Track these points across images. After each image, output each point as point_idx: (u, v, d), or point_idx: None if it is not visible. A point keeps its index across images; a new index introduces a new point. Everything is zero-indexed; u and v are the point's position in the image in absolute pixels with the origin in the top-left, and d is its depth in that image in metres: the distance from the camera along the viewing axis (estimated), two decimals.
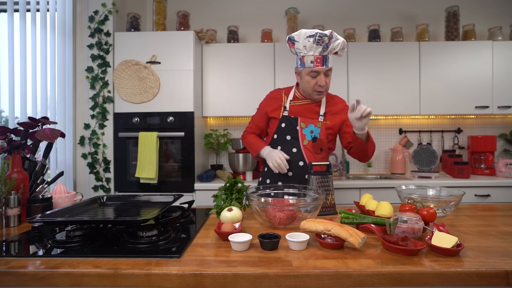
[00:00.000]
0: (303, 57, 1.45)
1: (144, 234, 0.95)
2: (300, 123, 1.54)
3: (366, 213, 1.23)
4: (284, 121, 1.56)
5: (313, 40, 1.39)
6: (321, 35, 1.38)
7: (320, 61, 1.43)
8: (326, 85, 1.47)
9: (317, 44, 1.39)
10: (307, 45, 1.41)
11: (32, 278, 0.76)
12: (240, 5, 2.97)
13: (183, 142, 2.36)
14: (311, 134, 1.54)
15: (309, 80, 1.47)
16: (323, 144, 1.56)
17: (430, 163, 2.65)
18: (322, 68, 1.43)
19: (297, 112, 1.57)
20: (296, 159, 1.54)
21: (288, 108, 1.58)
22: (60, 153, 2.37)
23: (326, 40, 1.39)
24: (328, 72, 1.46)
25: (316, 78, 1.46)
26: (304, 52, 1.43)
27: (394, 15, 2.97)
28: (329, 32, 1.38)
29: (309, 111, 1.57)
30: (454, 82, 2.61)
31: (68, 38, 2.42)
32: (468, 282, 0.74)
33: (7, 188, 1.16)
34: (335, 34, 1.40)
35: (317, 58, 1.42)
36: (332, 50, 1.42)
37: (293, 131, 1.55)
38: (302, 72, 1.49)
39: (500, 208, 1.42)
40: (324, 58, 1.43)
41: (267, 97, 1.67)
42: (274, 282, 0.74)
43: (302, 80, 1.51)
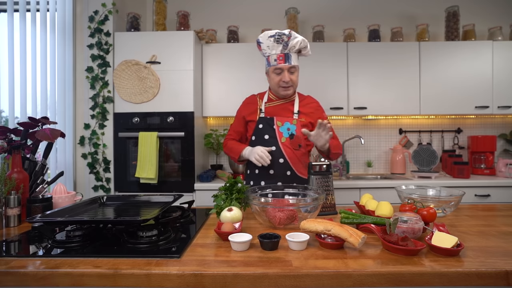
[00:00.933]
0: (268, 57, 1.58)
1: (144, 234, 0.95)
2: (277, 122, 1.61)
3: (366, 213, 1.23)
4: (261, 122, 1.63)
5: (274, 40, 1.51)
6: (280, 34, 1.50)
7: (283, 59, 1.54)
8: (291, 81, 1.57)
9: (277, 43, 1.51)
10: (270, 45, 1.54)
11: (32, 278, 0.76)
12: (240, 5, 2.97)
13: (183, 142, 2.36)
14: (288, 131, 1.60)
15: (274, 77, 1.58)
16: (300, 140, 1.61)
17: (430, 163, 2.65)
18: (285, 65, 1.54)
19: (272, 112, 1.65)
20: (276, 157, 1.59)
21: (263, 109, 1.66)
22: (60, 153, 2.37)
23: (285, 39, 1.50)
24: (292, 69, 1.56)
25: (280, 75, 1.56)
26: (269, 52, 1.56)
27: (394, 15, 2.97)
28: (287, 31, 1.50)
29: (283, 110, 1.65)
30: (454, 82, 2.61)
31: (68, 38, 2.42)
32: (468, 282, 0.74)
33: (7, 188, 1.16)
34: (294, 33, 1.51)
35: (280, 56, 1.53)
36: (292, 48, 1.53)
37: (270, 131, 1.61)
38: (269, 70, 1.60)
39: (500, 208, 1.42)
40: (286, 56, 1.53)
41: (243, 103, 1.75)
42: (274, 282, 0.74)
43: (270, 78, 1.63)
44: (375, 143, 2.96)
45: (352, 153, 2.96)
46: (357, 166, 2.95)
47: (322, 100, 2.60)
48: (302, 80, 2.60)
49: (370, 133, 2.96)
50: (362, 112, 2.62)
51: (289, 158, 1.58)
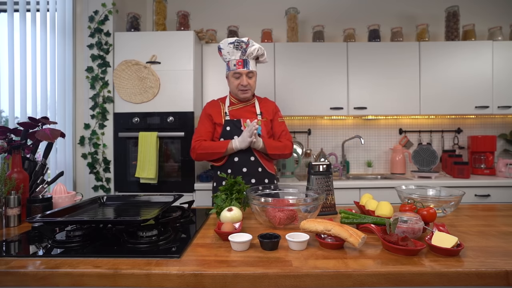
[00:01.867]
0: (228, 62, 1.70)
1: (144, 234, 0.95)
2: (244, 123, 1.71)
3: (366, 213, 1.23)
4: (228, 125, 1.73)
5: (233, 46, 1.64)
6: (238, 41, 1.63)
7: (241, 64, 1.66)
8: (249, 85, 1.69)
9: (236, 49, 1.64)
10: (230, 51, 1.67)
11: (32, 278, 0.76)
12: (240, 5, 2.97)
13: (183, 142, 2.36)
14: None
15: (233, 81, 1.71)
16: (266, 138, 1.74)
17: (430, 163, 2.65)
18: (243, 70, 1.66)
19: (237, 115, 1.76)
20: (248, 155, 1.71)
21: (228, 113, 1.76)
22: (60, 153, 2.37)
23: (244, 46, 1.64)
24: (250, 74, 1.69)
25: (239, 79, 1.69)
26: (229, 58, 1.69)
27: (394, 15, 2.97)
28: (246, 39, 1.64)
29: (247, 113, 1.77)
30: (454, 82, 2.61)
31: (68, 38, 2.42)
32: (468, 282, 0.74)
33: (7, 188, 1.16)
34: (252, 41, 1.65)
35: (239, 62, 1.66)
36: (250, 55, 1.65)
37: (238, 132, 1.71)
38: (228, 75, 1.73)
39: (500, 208, 1.42)
40: (245, 62, 1.66)
41: (206, 106, 1.82)
42: (274, 282, 0.74)
43: (229, 82, 1.75)
44: (375, 143, 2.96)
45: (352, 153, 2.96)
46: (357, 166, 2.95)
47: (322, 100, 2.61)
48: (303, 80, 2.60)
49: (370, 133, 2.96)
50: (362, 112, 2.62)
51: (259, 156, 1.73)
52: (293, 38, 2.70)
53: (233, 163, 1.71)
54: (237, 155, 1.70)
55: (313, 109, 2.61)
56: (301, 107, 2.61)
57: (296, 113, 2.61)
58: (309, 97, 2.61)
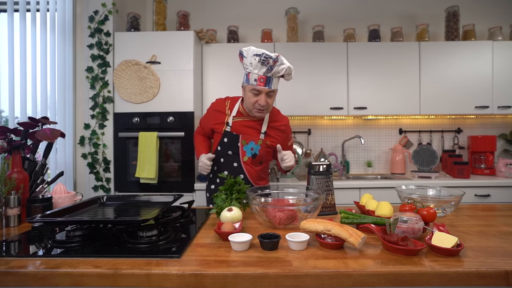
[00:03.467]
0: (248, 74, 1.48)
1: (144, 234, 0.95)
2: (242, 141, 1.59)
3: (366, 213, 1.23)
4: (226, 136, 1.62)
5: (259, 60, 1.41)
6: (266, 56, 1.40)
7: (263, 81, 1.44)
8: (267, 104, 1.50)
9: (262, 64, 1.41)
10: (253, 63, 1.43)
11: (32, 278, 0.76)
12: (240, 5, 2.97)
13: (183, 142, 2.36)
14: (251, 151, 1.60)
15: (250, 97, 1.50)
16: (262, 158, 1.65)
17: (430, 163, 2.65)
18: (264, 88, 1.45)
19: (239, 128, 1.61)
20: (237, 173, 1.62)
21: (231, 124, 1.62)
22: (60, 153, 2.37)
23: (271, 63, 1.41)
24: (271, 93, 1.49)
25: (257, 96, 1.48)
26: (250, 69, 1.46)
27: (394, 15, 2.97)
28: (275, 55, 1.40)
29: (250, 128, 1.61)
30: (454, 82, 2.61)
31: (68, 38, 2.42)
32: (468, 282, 0.74)
33: (7, 188, 1.16)
34: (282, 59, 1.41)
35: (261, 78, 1.44)
36: (276, 73, 1.44)
37: (234, 147, 1.61)
38: (246, 87, 1.52)
39: (500, 208, 1.42)
40: (268, 79, 1.44)
41: (212, 109, 1.71)
42: (274, 282, 0.74)
43: (245, 95, 1.54)
44: (375, 143, 2.96)
45: (352, 153, 2.96)
46: (357, 166, 2.95)
47: (322, 100, 2.61)
48: (303, 80, 2.60)
49: (370, 133, 2.95)
50: (362, 112, 2.62)
51: (249, 174, 1.63)
52: (293, 38, 2.70)
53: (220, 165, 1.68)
54: (227, 170, 1.65)
55: (313, 109, 2.61)
56: (301, 107, 2.61)
57: (296, 113, 2.61)
58: (309, 97, 2.62)
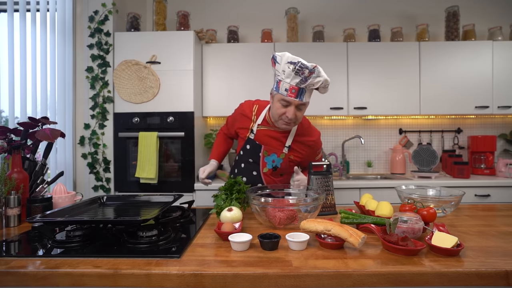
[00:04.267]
0: (279, 82, 1.32)
1: (144, 234, 0.95)
2: (263, 152, 1.50)
3: (366, 213, 1.23)
4: (249, 144, 1.53)
5: (293, 68, 1.26)
6: (302, 65, 1.25)
7: (295, 92, 1.29)
8: (295, 118, 1.35)
9: (296, 74, 1.26)
10: (286, 71, 1.28)
11: (32, 278, 0.76)
12: (240, 5, 2.97)
13: (183, 142, 2.36)
14: (272, 163, 1.51)
15: (278, 108, 1.35)
16: (283, 171, 1.55)
17: (430, 163, 2.65)
18: (294, 100, 1.30)
19: (262, 138, 1.50)
20: (256, 182, 1.55)
21: (255, 131, 1.51)
22: (60, 153, 2.37)
23: (306, 73, 1.25)
24: (301, 106, 1.34)
25: (286, 108, 1.33)
26: (282, 77, 1.30)
27: (394, 15, 2.97)
28: (311, 66, 1.25)
29: (274, 140, 1.49)
30: (454, 82, 2.61)
31: (68, 38, 2.42)
32: (468, 282, 0.74)
33: (7, 188, 1.16)
34: (319, 70, 1.27)
35: (292, 88, 1.28)
36: (310, 85, 1.29)
37: (255, 156, 1.53)
38: (275, 96, 1.37)
39: (500, 208, 1.42)
40: (300, 91, 1.29)
41: (238, 112, 1.61)
42: (274, 282, 0.74)
43: (273, 104, 1.40)
44: (375, 143, 2.96)
45: (352, 153, 2.96)
46: (357, 166, 2.95)
47: (322, 100, 2.61)
48: None
49: (370, 133, 2.95)
50: (362, 112, 2.62)
51: (268, 184, 1.54)
52: (293, 38, 2.70)
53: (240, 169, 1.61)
54: (246, 177, 1.58)
55: (313, 109, 2.61)
56: None
57: None
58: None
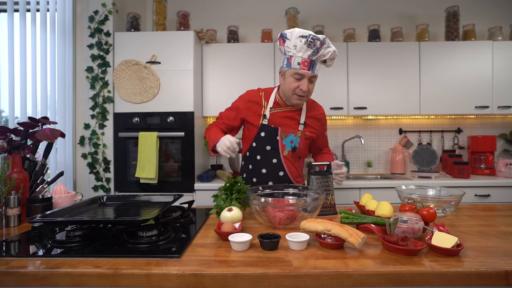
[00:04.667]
0: (290, 57, 1.38)
1: (144, 234, 0.95)
2: (281, 134, 1.49)
3: (366, 213, 1.23)
4: (264, 130, 1.50)
5: (305, 41, 1.32)
6: (314, 37, 1.31)
7: (307, 65, 1.35)
8: (308, 91, 1.40)
9: (308, 46, 1.33)
10: (298, 45, 1.34)
11: (32, 278, 0.76)
12: (240, 5, 2.97)
13: (183, 142, 2.36)
14: (291, 144, 1.51)
15: (291, 82, 1.40)
16: (301, 152, 1.55)
17: (430, 163, 2.65)
18: (307, 73, 1.36)
19: (277, 120, 1.50)
20: (276, 170, 1.52)
21: (268, 116, 1.50)
22: (60, 153, 2.37)
23: (318, 45, 1.32)
24: (313, 78, 1.40)
25: (299, 81, 1.39)
26: (293, 52, 1.37)
27: (394, 15, 2.97)
28: (322, 37, 1.33)
29: (289, 119, 1.52)
30: (454, 82, 2.61)
31: (68, 38, 2.42)
32: (468, 282, 0.74)
33: (7, 188, 1.16)
34: (328, 41, 1.35)
35: (305, 61, 1.35)
36: (321, 57, 1.36)
37: (273, 141, 1.50)
38: (286, 72, 1.42)
39: (500, 208, 1.42)
40: (312, 63, 1.36)
41: (244, 99, 1.56)
42: (274, 282, 0.74)
43: (285, 81, 1.44)
44: (375, 143, 2.96)
45: (352, 153, 2.96)
46: (357, 166, 2.95)
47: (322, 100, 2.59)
48: None
49: (370, 133, 2.95)
50: (362, 112, 2.62)
51: (289, 171, 1.53)
52: None
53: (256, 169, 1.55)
54: (265, 168, 1.53)
55: None
56: None
57: None
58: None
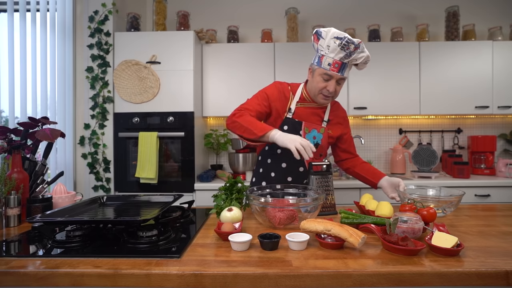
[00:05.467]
0: (322, 56, 1.38)
1: (144, 234, 0.95)
2: (304, 128, 1.48)
3: (366, 213, 1.23)
4: (287, 124, 1.48)
5: (339, 43, 1.32)
6: (349, 40, 1.31)
7: (338, 67, 1.36)
8: (335, 92, 1.42)
9: (341, 49, 1.33)
10: (331, 46, 1.34)
11: (32, 278, 0.76)
12: (240, 5, 2.97)
13: (183, 142, 2.36)
14: (313, 140, 1.50)
15: (319, 81, 1.41)
16: (323, 150, 1.54)
17: (430, 163, 2.65)
18: (336, 75, 1.37)
19: (302, 115, 1.50)
20: (297, 165, 1.51)
21: (293, 110, 1.49)
22: (60, 153, 2.37)
23: (352, 48, 1.32)
24: (341, 80, 1.42)
25: (327, 82, 1.40)
26: (326, 52, 1.36)
27: (394, 15, 2.97)
28: (357, 41, 1.32)
29: (313, 115, 1.52)
30: (454, 82, 2.61)
31: (68, 38, 2.42)
32: (468, 282, 0.74)
33: (7, 188, 1.16)
34: (363, 46, 1.34)
35: (336, 63, 1.35)
36: (353, 60, 1.36)
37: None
38: (316, 70, 1.42)
39: (500, 208, 1.42)
40: (342, 65, 1.36)
41: (275, 88, 1.52)
42: (274, 282, 0.74)
43: (313, 78, 1.45)
44: (375, 143, 2.96)
45: None
46: None
47: None
48: (302, 80, 2.60)
49: (370, 133, 2.95)
50: (362, 112, 2.62)
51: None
52: (293, 38, 2.70)
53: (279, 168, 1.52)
54: (285, 162, 1.50)
55: None
56: None
57: None
58: None
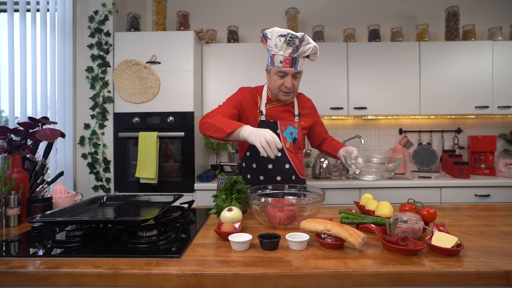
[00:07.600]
0: (273, 56, 1.43)
1: (144, 234, 0.95)
2: (280, 127, 1.53)
3: (366, 213, 1.23)
4: (263, 126, 1.49)
5: (284, 40, 1.36)
6: (292, 36, 1.35)
7: (289, 63, 1.40)
8: (293, 87, 1.46)
9: (288, 45, 1.37)
10: (278, 44, 1.38)
11: (32, 278, 0.76)
12: (240, 5, 2.97)
13: (183, 142, 2.36)
14: (291, 135, 1.55)
15: (276, 80, 1.46)
16: (300, 143, 1.60)
17: (430, 163, 2.65)
18: (290, 70, 1.41)
19: (274, 115, 1.55)
20: (282, 163, 1.54)
21: (264, 112, 1.54)
22: (60, 153, 2.37)
23: (297, 42, 1.36)
24: (297, 74, 1.45)
25: (283, 78, 1.44)
26: (275, 51, 1.41)
27: (394, 15, 2.97)
28: (301, 35, 1.36)
29: (285, 112, 1.57)
30: (454, 82, 2.61)
31: (68, 38, 2.42)
32: (468, 282, 0.74)
33: (7, 188, 1.16)
34: (307, 38, 1.38)
35: (286, 59, 1.40)
36: (302, 53, 1.40)
37: None
38: (271, 70, 1.48)
39: (500, 208, 1.42)
40: (294, 60, 1.41)
41: (246, 92, 1.54)
42: (274, 282, 0.74)
43: (270, 78, 1.50)
44: (375, 143, 2.96)
45: None
46: None
47: (322, 100, 2.61)
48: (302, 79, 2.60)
49: (370, 133, 2.95)
50: (362, 112, 2.62)
51: (294, 163, 1.57)
52: None
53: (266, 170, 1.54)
54: (271, 163, 1.53)
55: None
56: None
57: None
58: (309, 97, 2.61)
